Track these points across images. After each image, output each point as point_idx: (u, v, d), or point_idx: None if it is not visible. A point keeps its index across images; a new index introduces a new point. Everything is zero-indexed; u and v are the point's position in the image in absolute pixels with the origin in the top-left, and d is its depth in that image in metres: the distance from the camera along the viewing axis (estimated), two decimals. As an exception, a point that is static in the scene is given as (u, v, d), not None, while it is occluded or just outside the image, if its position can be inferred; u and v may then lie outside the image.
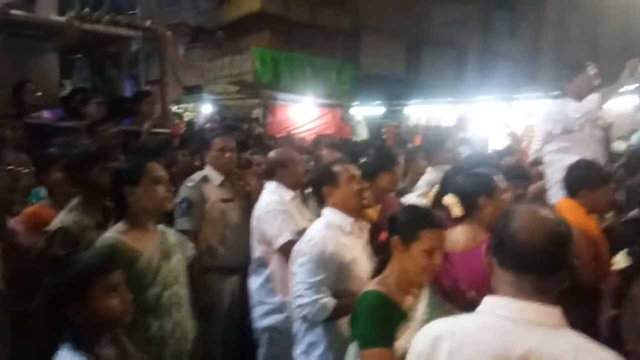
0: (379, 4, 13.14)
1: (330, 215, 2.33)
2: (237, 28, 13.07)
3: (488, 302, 1.21)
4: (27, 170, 2.25)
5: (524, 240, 1.16)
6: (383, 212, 2.73)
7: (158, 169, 2.15)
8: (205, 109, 11.65)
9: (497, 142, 7.16)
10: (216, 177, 3.19)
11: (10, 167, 1.99)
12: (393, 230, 1.82)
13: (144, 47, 6.07)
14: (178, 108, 10.72)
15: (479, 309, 1.21)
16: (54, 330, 1.56)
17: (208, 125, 7.82)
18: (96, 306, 1.53)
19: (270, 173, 3.02)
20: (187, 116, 11.27)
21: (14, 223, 2.17)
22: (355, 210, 2.36)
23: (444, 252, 1.79)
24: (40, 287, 1.64)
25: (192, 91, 12.61)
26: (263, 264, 2.89)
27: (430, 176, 3.37)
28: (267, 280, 2.87)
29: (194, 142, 4.30)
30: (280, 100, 10.67)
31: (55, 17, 4.52)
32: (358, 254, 2.29)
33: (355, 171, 2.39)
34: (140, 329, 1.99)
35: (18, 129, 3.33)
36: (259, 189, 3.18)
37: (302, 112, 10.68)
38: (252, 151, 3.98)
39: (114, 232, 2.08)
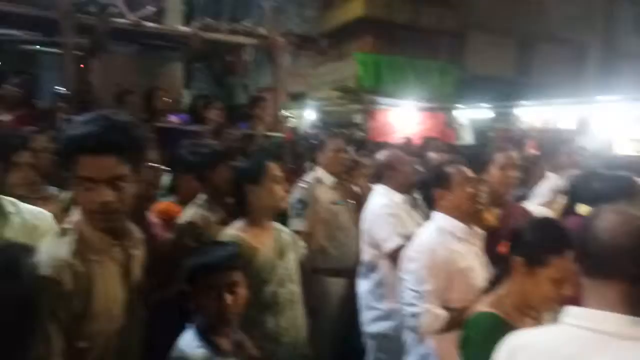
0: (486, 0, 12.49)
1: (441, 220, 2.21)
2: (340, 34, 13.24)
3: (568, 313, 1.11)
4: (164, 168, 2.45)
5: (606, 243, 1.03)
6: (504, 218, 2.55)
7: (276, 169, 2.22)
8: (309, 115, 11.99)
9: (625, 145, 6.47)
10: (328, 179, 3.24)
11: (152, 165, 2.17)
12: (517, 249, 1.59)
13: (255, 56, 6.37)
14: (291, 114, 11.14)
15: (560, 319, 1.12)
16: (184, 317, 1.67)
17: (313, 130, 8.01)
18: (214, 300, 1.61)
19: (379, 176, 2.99)
20: (291, 122, 11.66)
21: (151, 217, 2.37)
22: (469, 216, 2.21)
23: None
24: (174, 276, 1.77)
25: (296, 98, 13.01)
26: (372, 268, 2.86)
27: (553, 182, 3.12)
28: (377, 285, 2.84)
29: (303, 146, 4.44)
30: (382, 105, 10.60)
31: (182, 28, 4.78)
32: (471, 262, 2.16)
33: (470, 173, 2.24)
34: (257, 325, 2.05)
35: (150, 132, 3.66)
36: (368, 190, 3.18)
37: (404, 116, 10.52)
38: (359, 153, 3.99)
39: (234, 230, 2.17)
